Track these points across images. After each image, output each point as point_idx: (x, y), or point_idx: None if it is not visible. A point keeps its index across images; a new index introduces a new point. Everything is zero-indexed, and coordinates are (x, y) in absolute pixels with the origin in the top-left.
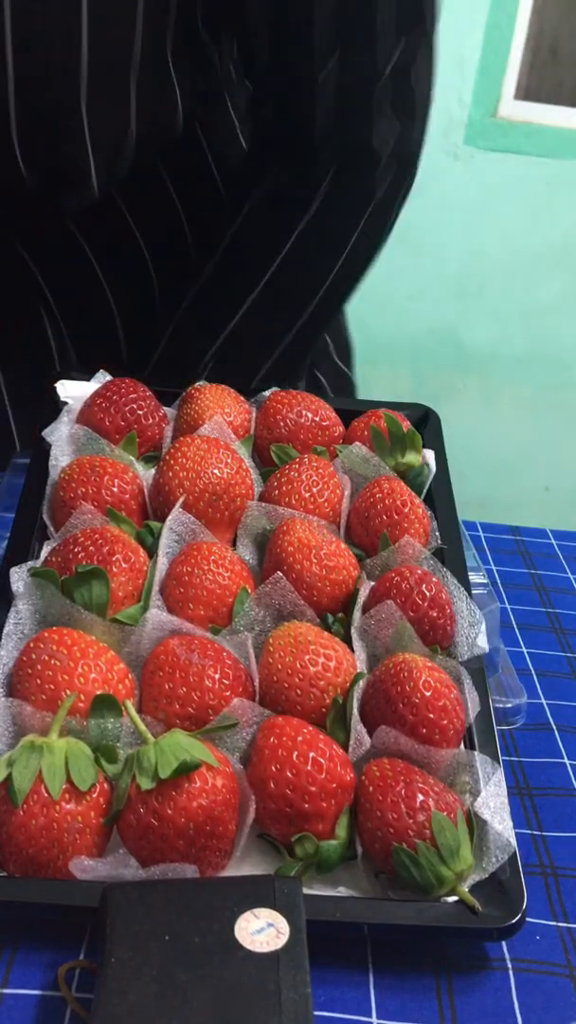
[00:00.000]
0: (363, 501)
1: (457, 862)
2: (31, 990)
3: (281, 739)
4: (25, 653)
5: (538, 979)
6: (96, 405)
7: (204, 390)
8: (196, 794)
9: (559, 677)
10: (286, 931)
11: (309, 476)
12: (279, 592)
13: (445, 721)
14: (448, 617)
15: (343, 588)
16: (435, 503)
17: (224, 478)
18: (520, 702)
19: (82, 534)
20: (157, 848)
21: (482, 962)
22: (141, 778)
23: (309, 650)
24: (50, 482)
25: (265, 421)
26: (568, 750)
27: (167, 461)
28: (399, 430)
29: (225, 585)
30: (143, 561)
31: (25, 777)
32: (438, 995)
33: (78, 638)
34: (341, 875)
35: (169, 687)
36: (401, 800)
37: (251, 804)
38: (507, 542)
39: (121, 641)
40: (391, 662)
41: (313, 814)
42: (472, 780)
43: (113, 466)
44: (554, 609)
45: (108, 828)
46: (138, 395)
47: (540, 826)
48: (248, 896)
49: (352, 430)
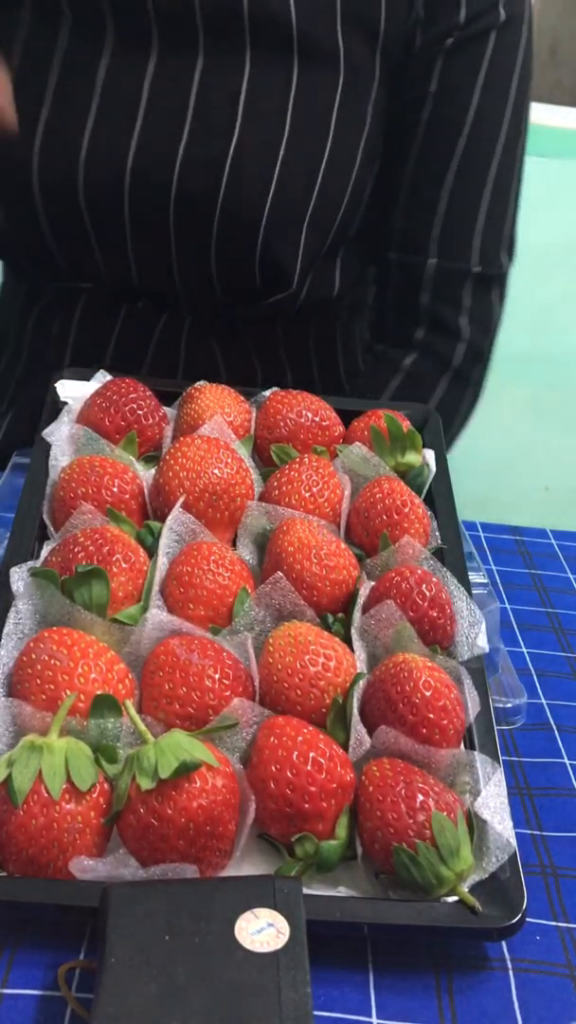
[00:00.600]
0: (363, 501)
1: (457, 862)
2: (31, 990)
3: (281, 739)
4: (25, 653)
5: (538, 979)
6: (96, 405)
7: (204, 390)
8: (196, 794)
9: (559, 677)
10: (286, 931)
11: (309, 476)
12: (279, 592)
13: (445, 721)
14: (448, 617)
15: (343, 588)
16: (435, 503)
17: (224, 478)
18: (520, 702)
19: (82, 534)
20: (157, 848)
21: (482, 962)
22: (141, 778)
23: (309, 650)
24: (50, 482)
25: (265, 421)
26: (568, 750)
27: (167, 461)
28: (399, 430)
29: (225, 585)
30: (143, 561)
31: (25, 777)
32: (438, 995)
33: (78, 638)
34: (341, 875)
35: (169, 687)
36: (401, 800)
37: (251, 804)
38: (507, 542)
39: (121, 641)
40: (391, 662)
41: (313, 814)
42: (472, 780)
43: (113, 466)
44: (554, 609)
45: (108, 828)
46: (138, 395)
47: (540, 826)
48: (248, 896)
49: (352, 430)
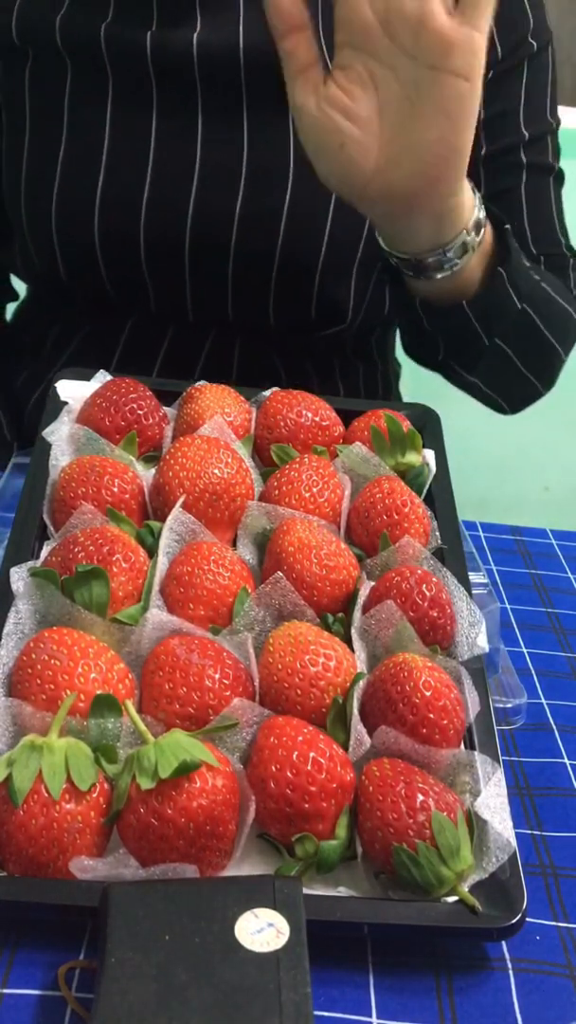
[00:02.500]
0: (363, 501)
1: (457, 862)
2: (31, 990)
3: (281, 739)
4: (25, 653)
5: (538, 979)
6: (96, 405)
7: (204, 390)
8: (196, 794)
9: (559, 677)
10: (286, 931)
11: (309, 476)
12: (279, 592)
13: (445, 721)
14: (448, 617)
15: (343, 588)
16: (435, 503)
17: (224, 478)
18: (520, 702)
19: (82, 534)
20: (157, 848)
21: (482, 962)
22: (141, 778)
23: (309, 650)
24: (50, 482)
25: (265, 421)
26: (568, 750)
27: (167, 461)
28: (399, 430)
29: (225, 585)
30: (143, 561)
31: (25, 777)
32: (438, 995)
33: (78, 638)
34: (341, 875)
35: (169, 687)
36: (401, 800)
37: (251, 804)
38: (507, 542)
39: (121, 641)
40: (391, 662)
41: (313, 814)
42: (472, 780)
43: (113, 466)
44: (554, 609)
45: (108, 828)
46: (138, 395)
47: (540, 826)
48: (248, 896)
49: (352, 430)
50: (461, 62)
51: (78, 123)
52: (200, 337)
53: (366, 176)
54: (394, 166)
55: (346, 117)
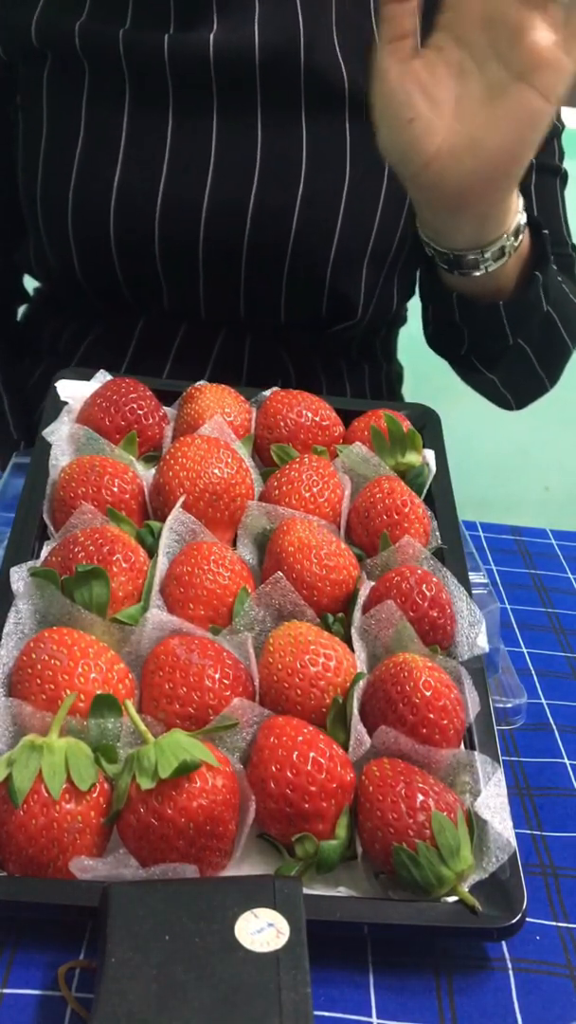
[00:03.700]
0: (363, 501)
1: (457, 862)
2: (31, 990)
3: (281, 739)
4: (25, 653)
5: (538, 979)
6: (96, 405)
7: (204, 390)
8: (196, 794)
9: (559, 677)
10: (286, 931)
11: (309, 476)
12: (279, 592)
13: (445, 721)
14: (448, 617)
15: (343, 588)
16: (435, 503)
17: (224, 478)
18: (520, 702)
19: (82, 534)
20: (157, 848)
21: (482, 962)
22: (141, 778)
23: (309, 650)
24: (50, 482)
25: (265, 421)
26: (568, 750)
27: (167, 461)
28: (399, 430)
29: (225, 585)
30: (143, 561)
31: (25, 777)
32: (438, 995)
33: (78, 638)
34: (341, 875)
35: (169, 687)
36: (401, 800)
37: (251, 804)
38: (507, 542)
39: (121, 641)
40: (391, 662)
41: (313, 814)
42: (472, 780)
43: (113, 466)
44: (554, 609)
45: (108, 828)
46: (138, 395)
47: (540, 826)
48: (248, 896)
49: (352, 430)
50: (547, 81)
51: (95, 122)
52: (211, 335)
53: (425, 157)
54: (454, 158)
55: (423, 95)
